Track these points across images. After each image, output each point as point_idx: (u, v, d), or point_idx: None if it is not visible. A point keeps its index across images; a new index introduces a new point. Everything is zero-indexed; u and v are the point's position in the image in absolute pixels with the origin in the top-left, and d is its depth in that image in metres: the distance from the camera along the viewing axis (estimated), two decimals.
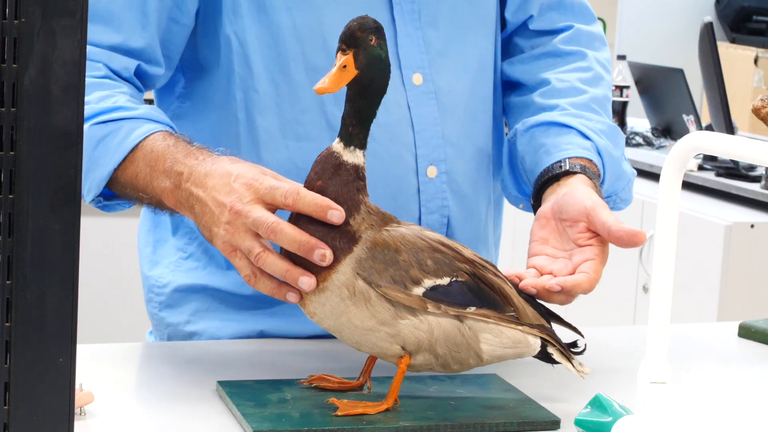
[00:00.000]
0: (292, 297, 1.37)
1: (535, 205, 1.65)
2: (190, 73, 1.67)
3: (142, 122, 1.53)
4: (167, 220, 1.73)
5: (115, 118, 1.52)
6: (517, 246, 4.45)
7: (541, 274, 1.51)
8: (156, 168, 1.47)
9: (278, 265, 1.36)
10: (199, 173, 1.42)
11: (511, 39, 1.79)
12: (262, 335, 1.67)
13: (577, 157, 1.64)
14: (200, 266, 1.69)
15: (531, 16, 1.77)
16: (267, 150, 1.62)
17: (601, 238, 1.53)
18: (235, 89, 1.62)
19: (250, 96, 1.62)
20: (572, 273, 1.51)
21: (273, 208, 1.38)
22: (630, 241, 1.51)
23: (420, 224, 1.64)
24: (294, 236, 1.34)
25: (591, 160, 1.64)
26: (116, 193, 1.54)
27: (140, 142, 1.50)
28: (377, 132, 1.56)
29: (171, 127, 1.54)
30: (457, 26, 1.68)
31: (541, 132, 1.69)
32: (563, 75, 1.75)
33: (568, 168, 1.62)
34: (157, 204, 1.49)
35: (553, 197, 1.59)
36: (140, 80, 1.62)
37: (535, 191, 1.65)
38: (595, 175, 1.63)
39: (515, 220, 4.45)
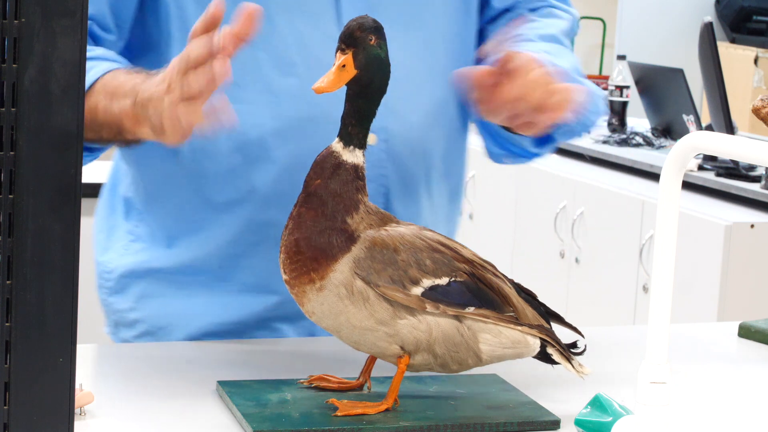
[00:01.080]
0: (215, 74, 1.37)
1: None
2: (136, 48, 1.67)
3: (100, 61, 1.54)
4: (121, 205, 1.73)
5: None
6: (517, 251, 4.45)
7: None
8: (117, 93, 1.49)
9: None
10: (151, 82, 1.44)
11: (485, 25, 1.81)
12: (207, 335, 1.68)
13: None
14: (145, 247, 1.71)
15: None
16: None
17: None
18: (173, 53, 1.62)
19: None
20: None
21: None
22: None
23: None
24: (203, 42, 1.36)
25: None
26: None
27: (100, 77, 1.51)
28: (315, 96, 1.58)
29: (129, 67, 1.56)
30: (403, 11, 1.68)
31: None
32: (535, 25, 1.77)
33: None
34: (117, 133, 1.50)
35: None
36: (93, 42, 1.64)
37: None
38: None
39: (516, 222, 4.45)
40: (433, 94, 1.71)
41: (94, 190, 1.82)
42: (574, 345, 1.45)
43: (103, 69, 1.53)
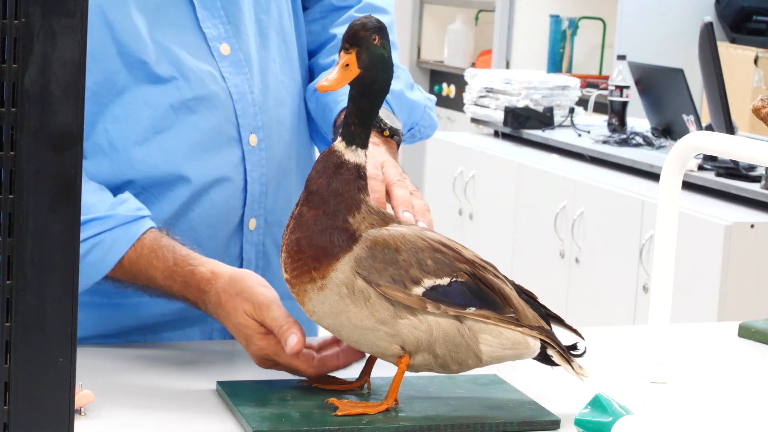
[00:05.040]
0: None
1: None
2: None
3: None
4: None
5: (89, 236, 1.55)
6: (517, 251, 4.45)
7: None
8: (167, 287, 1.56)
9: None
10: (214, 313, 1.52)
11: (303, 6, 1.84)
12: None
13: None
14: None
15: None
16: None
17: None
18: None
19: None
20: None
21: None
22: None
23: (246, 195, 1.67)
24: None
25: None
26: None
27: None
28: (195, 105, 1.61)
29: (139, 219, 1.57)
30: (263, 12, 1.70)
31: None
32: (341, 28, 1.79)
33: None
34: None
35: None
36: None
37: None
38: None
39: (516, 222, 4.45)
40: (291, 87, 1.73)
41: None
42: (574, 347, 1.45)
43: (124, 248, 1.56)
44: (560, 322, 1.47)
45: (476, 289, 1.38)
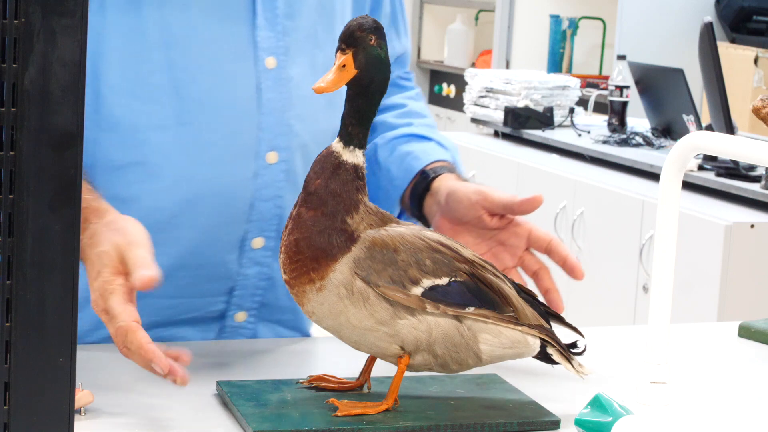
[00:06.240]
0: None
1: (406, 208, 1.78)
2: None
3: None
4: None
5: None
6: None
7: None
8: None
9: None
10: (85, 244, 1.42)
11: None
12: None
13: (442, 161, 1.76)
14: None
15: None
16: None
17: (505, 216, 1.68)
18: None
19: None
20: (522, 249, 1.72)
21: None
22: (531, 206, 1.68)
23: (251, 211, 1.64)
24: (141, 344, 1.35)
25: (452, 164, 1.77)
26: None
27: None
28: (222, 107, 1.60)
29: None
30: (312, 32, 1.69)
31: (403, 142, 1.80)
32: (411, 102, 1.87)
33: (437, 173, 1.74)
34: None
35: (435, 208, 1.70)
36: None
37: (414, 197, 1.75)
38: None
39: None
40: (327, 126, 1.70)
41: None
42: (574, 345, 1.45)
43: None
44: (560, 320, 1.47)
45: (475, 289, 1.38)
